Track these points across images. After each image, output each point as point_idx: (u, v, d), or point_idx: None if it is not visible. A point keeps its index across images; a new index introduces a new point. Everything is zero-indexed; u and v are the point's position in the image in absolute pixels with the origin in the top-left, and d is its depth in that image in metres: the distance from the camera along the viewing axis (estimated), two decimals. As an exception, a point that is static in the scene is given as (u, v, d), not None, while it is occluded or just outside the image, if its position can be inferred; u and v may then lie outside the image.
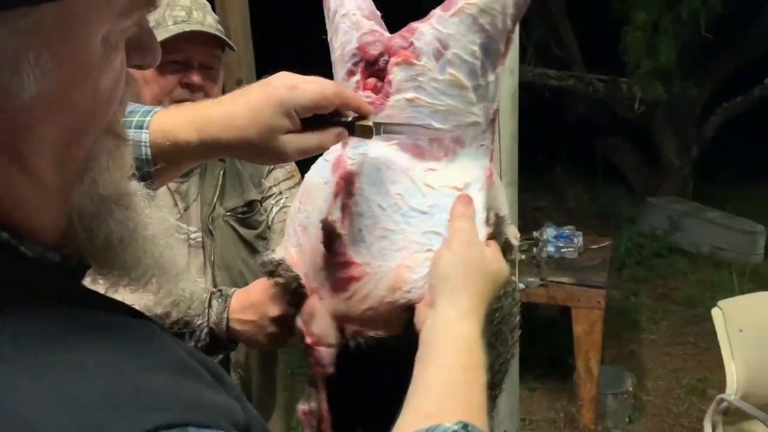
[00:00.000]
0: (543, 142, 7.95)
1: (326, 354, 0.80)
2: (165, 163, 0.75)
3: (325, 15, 0.84)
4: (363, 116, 0.75)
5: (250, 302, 1.15)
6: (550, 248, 3.61)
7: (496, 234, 0.78)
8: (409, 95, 0.75)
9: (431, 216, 0.75)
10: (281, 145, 0.72)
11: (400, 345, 0.74)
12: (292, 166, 1.59)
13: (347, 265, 0.76)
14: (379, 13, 0.82)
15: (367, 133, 0.74)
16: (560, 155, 7.87)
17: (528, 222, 5.74)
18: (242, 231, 1.50)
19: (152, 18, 1.45)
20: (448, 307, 0.70)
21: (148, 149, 0.75)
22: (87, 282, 0.52)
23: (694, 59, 6.42)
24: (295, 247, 0.86)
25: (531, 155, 7.86)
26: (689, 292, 5.16)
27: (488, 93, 0.78)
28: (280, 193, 1.55)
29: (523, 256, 2.44)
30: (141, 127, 0.75)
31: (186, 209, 1.50)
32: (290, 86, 0.72)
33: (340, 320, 0.79)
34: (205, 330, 1.20)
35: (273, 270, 0.90)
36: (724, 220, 6.04)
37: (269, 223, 1.54)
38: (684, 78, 6.19)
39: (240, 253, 1.49)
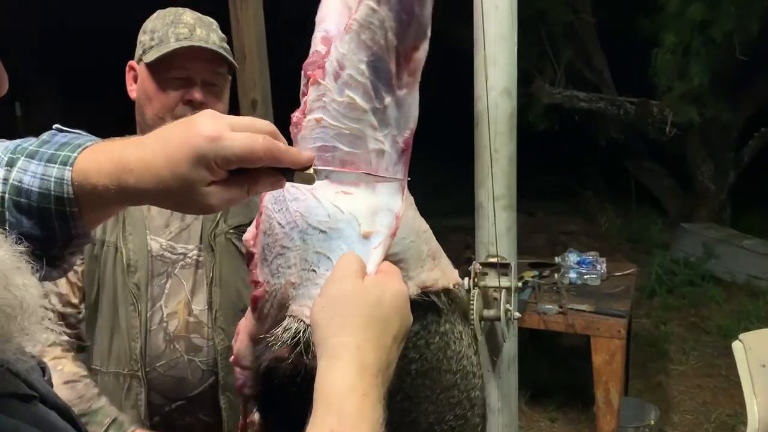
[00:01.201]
0: (573, 165, 7.85)
1: (240, 374, 0.79)
2: (88, 203, 0.69)
3: None
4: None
5: None
6: (572, 274, 3.52)
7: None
8: (317, 115, 0.72)
9: (328, 238, 0.71)
10: (204, 198, 0.65)
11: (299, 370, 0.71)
12: None
13: (254, 285, 0.76)
14: None
15: (308, 180, 0.68)
16: (591, 178, 7.73)
17: (557, 247, 5.66)
18: (243, 248, 1.48)
19: (156, 36, 1.45)
20: (320, 361, 0.63)
21: (71, 188, 0.68)
22: None
23: (729, 82, 6.27)
24: None
25: (561, 178, 7.80)
26: (722, 322, 4.97)
27: (389, 118, 0.72)
28: None
29: (520, 284, 2.37)
30: (66, 164, 0.68)
31: (186, 227, 1.50)
32: (213, 136, 0.63)
33: (256, 341, 0.78)
34: None
35: None
36: (761, 248, 5.84)
37: None
38: (718, 101, 6.04)
39: (239, 272, 1.48)
